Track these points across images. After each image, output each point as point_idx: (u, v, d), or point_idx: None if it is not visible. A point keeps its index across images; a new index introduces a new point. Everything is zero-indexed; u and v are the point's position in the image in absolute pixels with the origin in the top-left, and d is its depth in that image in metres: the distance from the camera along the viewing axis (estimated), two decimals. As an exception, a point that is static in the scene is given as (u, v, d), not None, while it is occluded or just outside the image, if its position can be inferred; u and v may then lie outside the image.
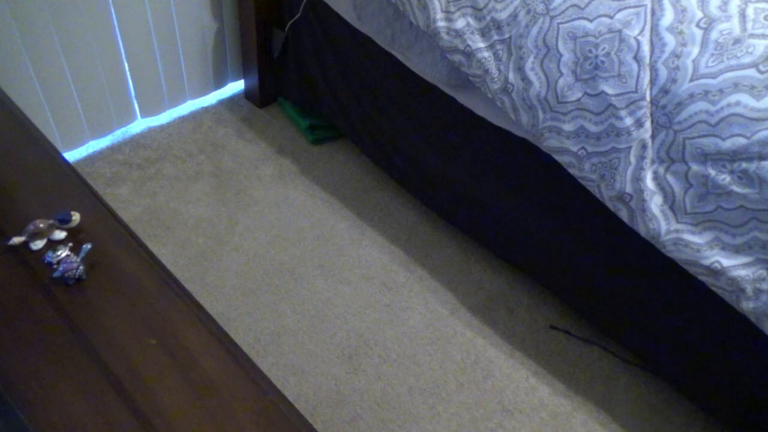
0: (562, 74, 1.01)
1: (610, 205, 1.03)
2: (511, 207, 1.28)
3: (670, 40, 0.93)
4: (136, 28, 1.60)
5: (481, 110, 1.23)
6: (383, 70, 1.41)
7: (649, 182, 0.96)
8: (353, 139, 1.65)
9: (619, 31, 0.96)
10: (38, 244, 0.88)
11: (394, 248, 1.53)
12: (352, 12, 1.41)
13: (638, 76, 0.94)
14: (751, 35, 0.89)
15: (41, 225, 0.88)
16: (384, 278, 1.46)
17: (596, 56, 0.97)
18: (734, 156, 0.88)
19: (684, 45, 0.92)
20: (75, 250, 0.88)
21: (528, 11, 1.04)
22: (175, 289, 0.87)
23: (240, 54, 1.88)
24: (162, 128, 1.80)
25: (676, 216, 0.96)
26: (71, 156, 1.68)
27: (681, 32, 0.92)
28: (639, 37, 0.94)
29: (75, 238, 0.90)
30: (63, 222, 0.90)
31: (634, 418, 1.26)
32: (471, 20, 1.11)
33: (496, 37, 1.08)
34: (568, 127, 1.02)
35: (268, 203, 1.61)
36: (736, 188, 0.89)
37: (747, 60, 0.88)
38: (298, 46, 1.67)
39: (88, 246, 0.86)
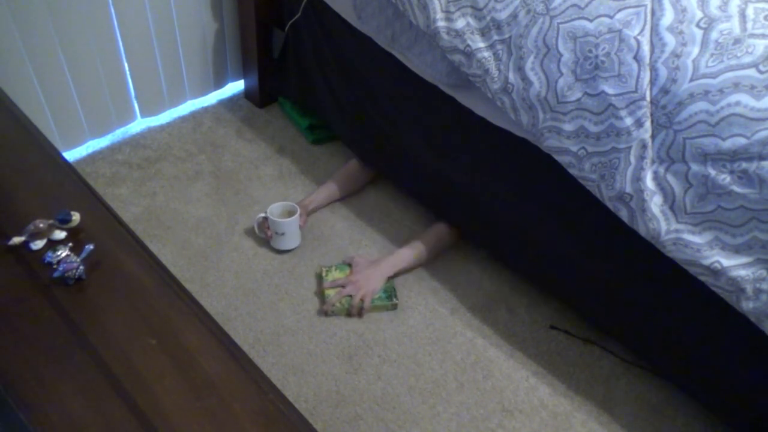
0: (562, 74, 1.01)
1: (610, 205, 1.03)
2: (511, 207, 1.28)
3: (670, 40, 0.93)
4: (136, 28, 1.60)
5: (481, 110, 1.23)
6: (383, 70, 1.41)
7: (649, 182, 0.96)
8: (348, 140, 1.65)
9: (619, 31, 0.96)
10: (38, 244, 0.88)
11: (393, 248, 1.53)
12: (352, 12, 1.41)
13: (638, 76, 0.94)
14: (751, 35, 0.89)
15: (41, 225, 0.88)
16: (384, 278, 1.46)
17: (596, 56, 0.97)
18: (734, 156, 0.88)
19: (684, 45, 0.92)
20: (75, 250, 0.88)
21: (528, 11, 1.04)
22: (175, 289, 0.87)
23: (240, 54, 1.88)
24: (162, 128, 1.80)
25: (676, 216, 0.96)
26: (71, 156, 1.68)
27: (681, 32, 0.92)
28: (639, 37, 0.94)
29: (75, 238, 0.90)
30: (63, 222, 0.89)
31: (634, 418, 1.26)
32: (471, 20, 1.11)
33: (496, 37, 1.08)
34: (568, 127, 1.02)
35: (268, 203, 1.60)
36: (736, 188, 0.89)
37: (747, 60, 0.88)
38: (298, 46, 1.67)
39: (90, 246, 0.86)
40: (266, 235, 1.48)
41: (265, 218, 1.46)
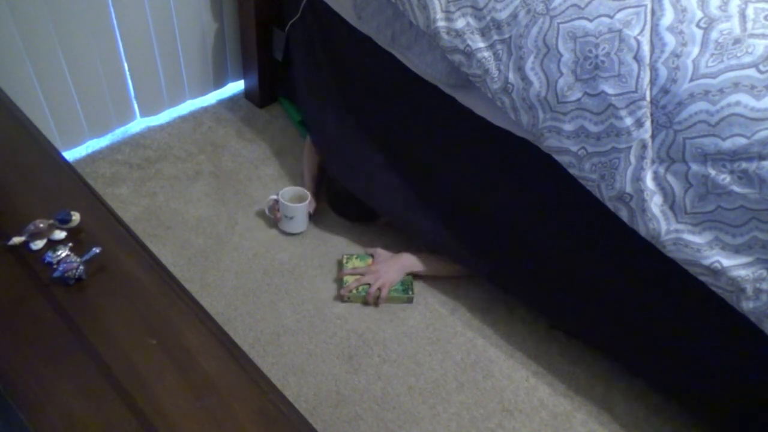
0: (562, 74, 1.01)
1: (610, 205, 1.03)
2: (510, 207, 1.28)
3: (670, 40, 0.93)
4: (135, 27, 1.60)
5: (481, 110, 1.23)
6: (383, 70, 1.41)
7: (649, 182, 0.96)
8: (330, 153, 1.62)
9: (619, 31, 0.96)
10: (38, 244, 0.88)
11: (393, 248, 1.53)
12: (352, 12, 1.41)
13: (638, 76, 0.94)
14: (751, 35, 0.89)
15: (41, 225, 0.88)
16: (384, 278, 1.46)
17: (596, 56, 0.97)
18: (734, 156, 0.88)
19: (684, 45, 0.92)
20: (75, 250, 0.88)
21: (528, 11, 1.04)
22: (175, 289, 0.87)
23: (240, 54, 1.88)
24: (162, 128, 1.80)
25: (676, 216, 0.96)
26: (71, 156, 1.68)
27: (681, 32, 0.92)
28: (639, 37, 0.94)
29: (75, 238, 0.90)
30: (63, 222, 0.89)
31: (634, 418, 1.26)
32: (471, 20, 1.11)
33: (496, 37, 1.08)
34: (568, 127, 1.02)
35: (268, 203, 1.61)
36: (736, 188, 0.89)
37: (747, 60, 0.88)
38: (298, 46, 1.67)
39: (96, 250, 0.86)
40: (275, 216, 1.53)
41: (276, 200, 1.51)
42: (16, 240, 0.87)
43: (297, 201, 1.52)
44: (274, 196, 1.52)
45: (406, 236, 1.56)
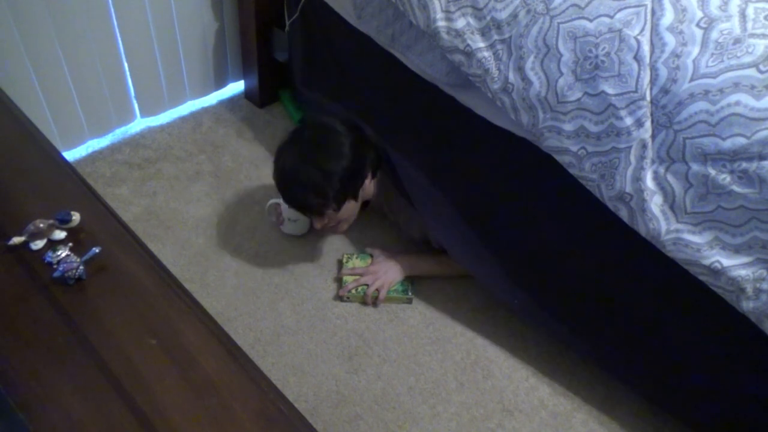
0: (562, 74, 1.01)
1: (610, 204, 1.03)
2: (509, 206, 1.27)
3: (670, 39, 0.93)
4: (136, 27, 1.60)
5: (481, 110, 1.23)
6: (383, 69, 1.41)
7: (649, 182, 0.96)
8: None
9: (620, 30, 0.96)
10: (38, 244, 0.88)
11: (393, 249, 1.53)
12: (352, 12, 1.41)
13: (638, 76, 0.94)
14: (751, 35, 0.89)
15: (41, 225, 0.88)
16: (384, 278, 1.46)
17: (596, 56, 0.97)
18: (734, 156, 0.88)
19: (684, 45, 0.92)
20: (75, 250, 0.88)
21: (528, 11, 1.04)
22: (175, 289, 0.87)
23: (240, 54, 1.88)
24: (162, 128, 1.80)
25: (676, 216, 0.96)
26: (71, 155, 1.68)
27: (681, 32, 0.92)
28: (639, 37, 0.94)
29: (75, 238, 0.90)
30: (63, 222, 0.90)
31: (634, 418, 1.26)
32: (471, 20, 1.11)
33: (496, 37, 1.08)
34: (568, 126, 1.02)
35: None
36: (736, 188, 0.89)
37: (747, 60, 0.88)
38: (298, 46, 1.67)
39: (96, 250, 0.86)
40: (276, 219, 1.51)
41: (278, 203, 1.48)
42: (16, 240, 0.87)
43: None
44: (276, 200, 1.48)
45: (406, 237, 1.56)
